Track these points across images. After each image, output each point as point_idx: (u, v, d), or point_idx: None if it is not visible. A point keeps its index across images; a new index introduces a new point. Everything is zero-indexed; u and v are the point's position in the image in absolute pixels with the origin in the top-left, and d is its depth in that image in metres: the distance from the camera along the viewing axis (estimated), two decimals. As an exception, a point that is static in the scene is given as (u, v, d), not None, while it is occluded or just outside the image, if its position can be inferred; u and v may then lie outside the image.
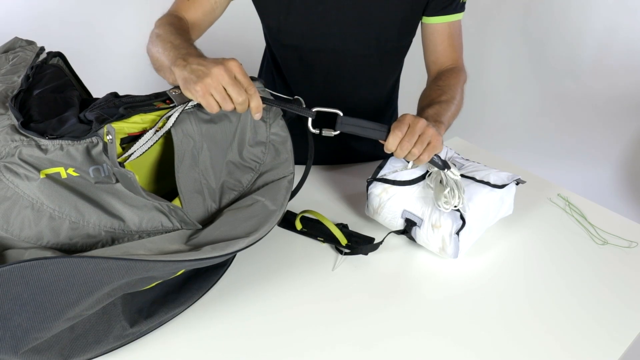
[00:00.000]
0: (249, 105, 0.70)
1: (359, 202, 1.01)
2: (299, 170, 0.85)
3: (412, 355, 0.71)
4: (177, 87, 0.74)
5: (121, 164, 0.64)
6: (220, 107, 0.68)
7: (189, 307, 0.75)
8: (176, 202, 0.73)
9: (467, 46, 1.12)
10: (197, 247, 0.65)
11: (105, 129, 0.63)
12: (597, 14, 2.69)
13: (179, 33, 0.84)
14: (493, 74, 2.86)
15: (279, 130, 0.82)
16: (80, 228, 0.63)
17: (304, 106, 0.79)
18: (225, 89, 0.67)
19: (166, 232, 0.69)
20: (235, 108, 0.69)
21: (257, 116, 0.72)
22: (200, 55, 0.75)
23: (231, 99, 0.68)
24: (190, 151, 0.72)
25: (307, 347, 0.71)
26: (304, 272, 0.83)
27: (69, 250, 0.64)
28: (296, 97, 0.80)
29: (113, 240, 0.65)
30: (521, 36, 2.83)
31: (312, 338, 0.72)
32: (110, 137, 0.62)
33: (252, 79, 0.74)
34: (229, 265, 0.83)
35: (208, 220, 0.75)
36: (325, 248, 0.89)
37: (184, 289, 0.74)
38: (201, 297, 0.77)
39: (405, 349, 0.72)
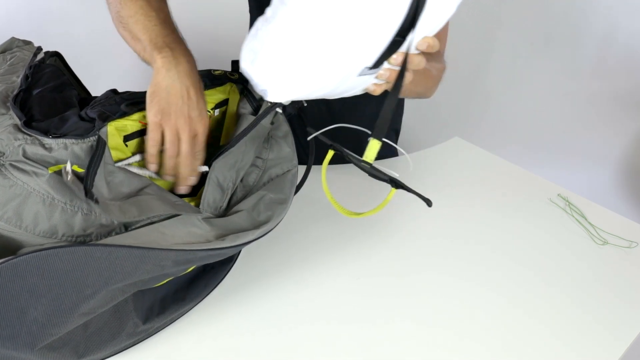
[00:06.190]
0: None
1: (359, 202, 1.01)
2: (299, 170, 0.85)
3: (413, 355, 0.72)
4: None
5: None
6: (158, 148, 0.69)
7: (197, 303, 0.76)
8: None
9: (468, 45, 1.11)
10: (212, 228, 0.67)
11: (107, 128, 0.64)
12: (597, 14, 2.69)
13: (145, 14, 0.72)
14: (493, 74, 2.86)
15: (280, 125, 0.82)
16: (93, 219, 0.63)
17: (304, 105, 0.79)
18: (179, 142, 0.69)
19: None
20: (164, 164, 0.70)
21: (183, 190, 0.73)
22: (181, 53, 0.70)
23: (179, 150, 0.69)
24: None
25: (311, 345, 0.72)
26: (308, 270, 0.84)
27: (84, 242, 0.63)
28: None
29: (126, 228, 0.65)
30: (521, 36, 2.83)
31: (318, 334, 0.73)
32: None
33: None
34: (234, 262, 0.83)
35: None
36: (329, 244, 0.89)
37: (191, 286, 0.75)
38: (209, 294, 0.77)
39: (408, 349, 0.72)
